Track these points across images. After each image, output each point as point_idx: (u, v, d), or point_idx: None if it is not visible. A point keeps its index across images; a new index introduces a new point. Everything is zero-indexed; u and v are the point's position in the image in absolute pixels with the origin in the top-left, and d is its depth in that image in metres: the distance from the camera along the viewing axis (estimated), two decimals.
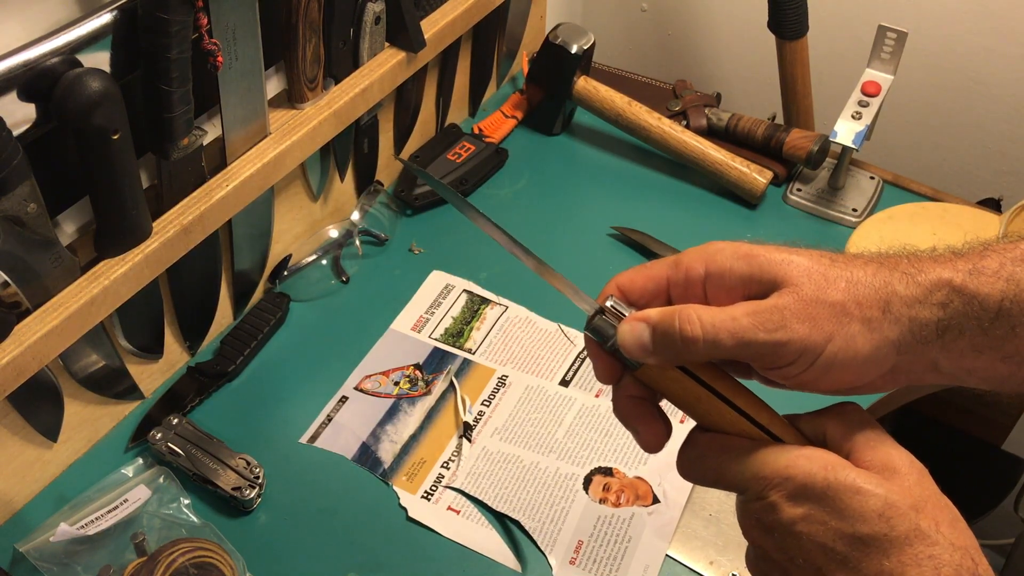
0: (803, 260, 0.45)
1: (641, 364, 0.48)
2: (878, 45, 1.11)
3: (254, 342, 0.96)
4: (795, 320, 0.43)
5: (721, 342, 0.44)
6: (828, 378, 0.45)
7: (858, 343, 0.44)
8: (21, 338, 0.71)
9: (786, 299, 0.44)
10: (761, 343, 0.44)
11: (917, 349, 0.45)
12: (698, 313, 0.45)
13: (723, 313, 0.44)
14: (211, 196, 0.83)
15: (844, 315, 0.44)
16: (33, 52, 0.65)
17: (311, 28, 0.88)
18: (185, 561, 0.75)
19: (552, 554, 0.81)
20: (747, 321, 0.44)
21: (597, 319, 0.49)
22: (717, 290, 0.47)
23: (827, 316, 0.43)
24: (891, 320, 0.44)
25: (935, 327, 0.44)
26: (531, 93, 1.24)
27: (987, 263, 0.44)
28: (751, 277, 0.46)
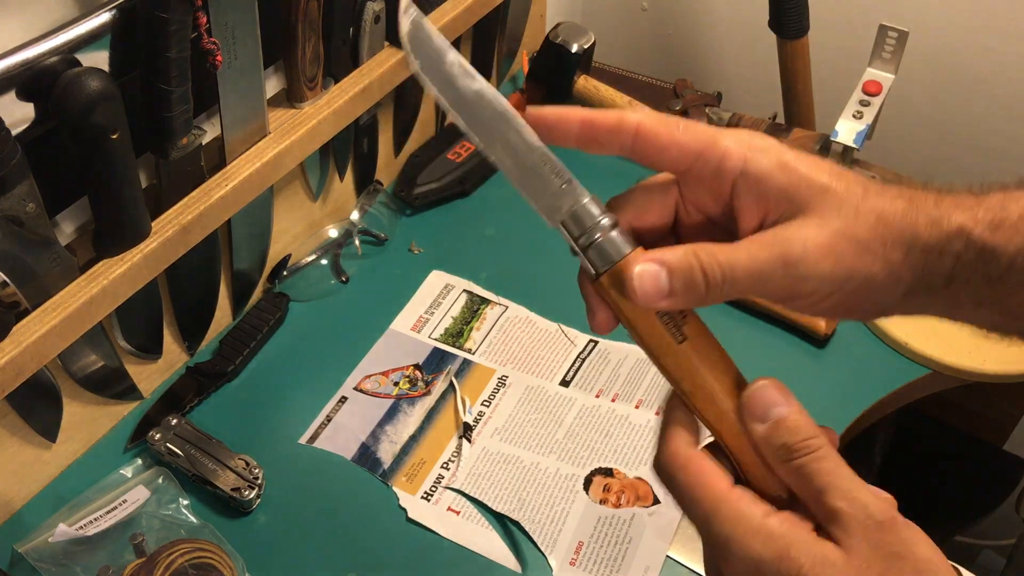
0: (839, 188, 0.42)
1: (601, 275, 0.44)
2: (879, 44, 1.11)
3: (253, 342, 0.96)
4: (817, 252, 0.41)
5: (738, 280, 0.42)
6: (831, 306, 0.44)
7: (875, 283, 0.42)
8: (20, 338, 0.71)
9: (811, 231, 0.42)
10: (780, 277, 0.42)
11: (919, 295, 0.43)
12: (713, 253, 0.42)
13: (736, 249, 0.42)
14: (210, 196, 0.83)
15: (868, 253, 0.42)
16: (32, 51, 0.65)
17: (311, 27, 0.88)
18: (184, 562, 0.75)
19: (552, 555, 0.80)
20: (764, 255, 0.42)
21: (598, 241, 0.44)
22: (746, 192, 0.44)
23: (852, 253, 0.42)
24: (909, 264, 0.42)
25: (944, 277, 0.43)
26: (531, 93, 1.24)
27: (1008, 214, 0.42)
28: (786, 192, 0.43)
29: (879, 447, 1.35)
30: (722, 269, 0.42)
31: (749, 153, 0.43)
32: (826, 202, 0.42)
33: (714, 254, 0.42)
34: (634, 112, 0.45)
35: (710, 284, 0.42)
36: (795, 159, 0.43)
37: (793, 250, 0.41)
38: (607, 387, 0.94)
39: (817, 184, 0.42)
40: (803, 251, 0.41)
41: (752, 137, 0.44)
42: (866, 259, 0.42)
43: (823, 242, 0.41)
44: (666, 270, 0.42)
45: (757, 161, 0.43)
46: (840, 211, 0.42)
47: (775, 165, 0.43)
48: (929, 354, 0.95)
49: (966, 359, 0.95)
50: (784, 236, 0.42)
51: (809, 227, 0.42)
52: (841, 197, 0.42)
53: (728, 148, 0.44)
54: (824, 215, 0.42)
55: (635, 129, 0.44)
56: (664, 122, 0.44)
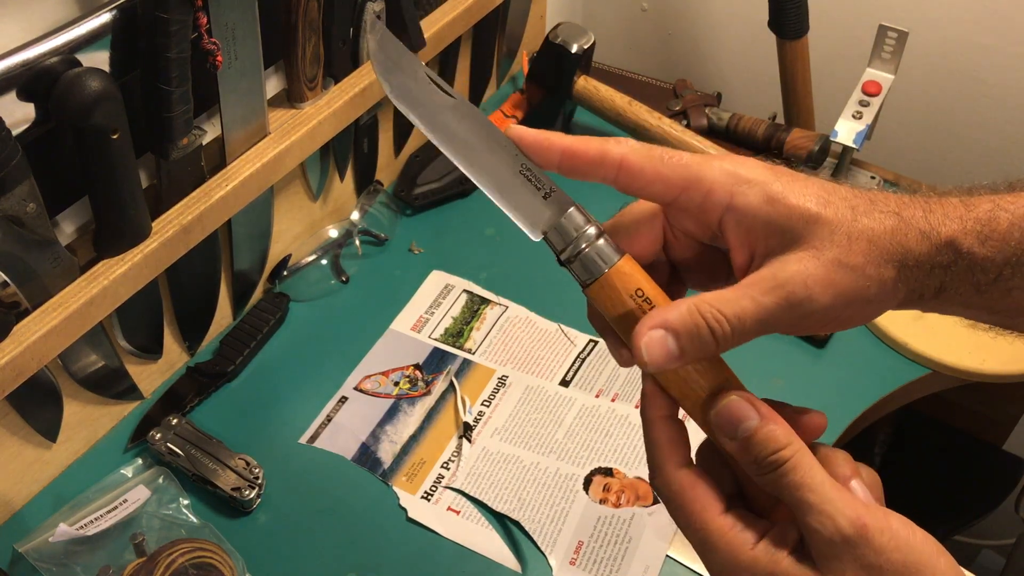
0: (829, 215, 0.42)
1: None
2: (879, 45, 1.11)
3: (253, 342, 0.96)
4: (818, 288, 0.41)
5: (748, 330, 0.42)
6: (829, 327, 0.44)
7: (871, 302, 0.43)
8: (20, 338, 0.71)
9: (809, 264, 0.41)
10: (787, 319, 0.42)
11: (910, 305, 0.44)
12: (718, 308, 0.42)
13: (741, 299, 0.42)
14: (210, 196, 0.83)
15: (863, 277, 0.42)
16: (32, 52, 0.65)
17: (311, 27, 0.88)
18: (185, 562, 0.75)
19: (552, 555, 0.80)
20: (770, 301, 0.41)
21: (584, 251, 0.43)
22: (734, 226, 0.43)
23: (848, 281, 0.42)
24: (902, 280, 0.42)
25: (935, 289, 0.43)
26: (531, 93, 1.24)
27: (997, 225, 0.42)
28: (775, 226, 0.43)
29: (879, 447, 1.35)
30: (730, 322, 0.42)
31: (735, 187, 0.43)
32: (818, 232, 0.42)
33: (720, 309, 0.42)
34: (617, 145, 0.44)
35: (719, 339, 0.42)
36: (782, 190, 0.43)
37: (797, 292, 0.41)
38: (607, 387, 0.94)
39: (807, 215, 0.42)
40: (806, 290, 0.41)
41: (738, 167, 0.44)
42: (862, 283, 0.42)
43: (822, 276, 0.42)
44: (672, 335, 0.42)
45: (744, 195, 0.43)
46: (833, 239, 0.42)
47: (762, 199, 0.43)
48: (929, 354, 0.96)
49: (966, 359, 0.95)
50: (785, 277, 0.42)
51: (805, 261, 0.42)
52: (832, 225, 0.42)
53: (714, 182, 0.43)
54: (818, 246, 0.42)
55: (618, 163, 0.44)
56: (648, 156, 0.44)
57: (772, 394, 0.49)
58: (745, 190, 0.43)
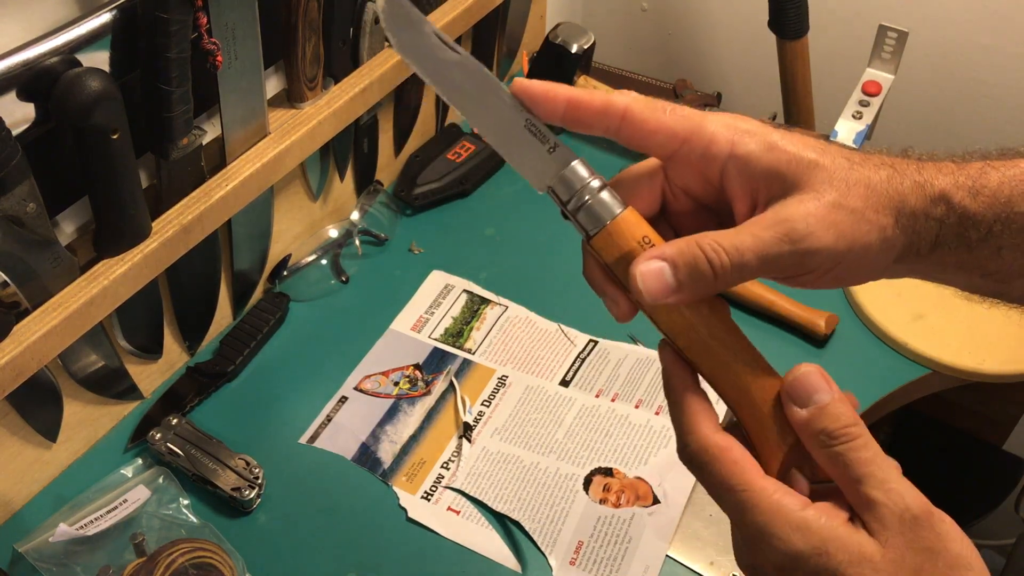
0: (827, 163, 0.43)
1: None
2: (879, 45, 1.11)
3: (253, 342, 0.96)
4: (819, 227, 0.42)
5: (747, 263, 0.42)
6: (833, 280, 0.44)
7: (873, 251, 0.43)
8: (20, 338, 0.71)
9: (810, 205, 0.42)
10: (788, 255, 0.42)
11: (907, 259, 0.44)
12: (716, 240, 0.42)
13: (740, 232, 0.42)
14: (210, 196, 0.83)
15: (863, 222, 0.42)
16: (32, 52, 0.65)
17: (311, 27, 0.88)
18: (184, 561, 0.75)
19: (552, 555, 0.80)
20: (770, 235, 0.42)
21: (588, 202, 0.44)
22: (735, 174, 0.44)
23: (848, 223, 0.42)
24: (900, 229, 0.43)
25: (931, 242, 0.44)
26: None
27: (987, 181, 0.43)
28: (775, 172, 0.43)
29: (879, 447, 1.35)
30: (729, 255, 0.42)
31: (736, 136, 0.44)
32: (816, 176, 0.43)
33: (718, 241, 0.42)
34: (622, 96, 0.45)
35: (718, 272, 0.42)
36: (781, 139, 0.44)
37: (798, 227, 0.42)
38: (607, 387, 0.94)
39: (805, 160, 0.43)
40: (807, 226, 0.42)
41: (738, 120, 0.45)
42: (863, 228, 0.42)
43: (823, 215, 0.42)
44: (669, 265, 0.42)
45: (744, 144, 0.44)
46: (832, 183, 0.43)
47: (762, 147, 0.43)
48: (929, 354, 0.96)
49: (965, 359, 0.95)
50: (785, 214, 0.42)
51: (806, 202, 0.42)
52: (829, 171, 0.43)
53: (715, 132, 0.44)
54: (817, 189, 0.42)
55: (622, 113, 0.44)
56: (652, 106, 0.44)
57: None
58: (745, 139, 0.44)
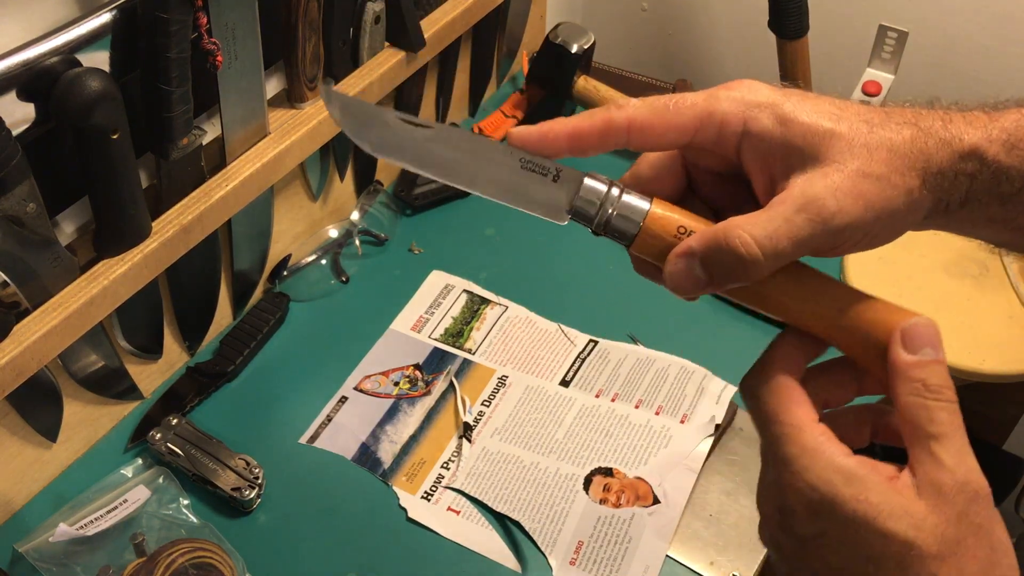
0: (844, 130, 0.41)
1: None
2: (879, 45, 1.11)
3: (253, 342, 0.96)
4: (848, 200, 0.40)
5: (783, 251, 0.40)
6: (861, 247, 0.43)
7: (900, 215, 0.42)
8: (20, 338, 0.71)
9: (834, 178, 0.41)
10: (821, 235, 0.41)
11: (937, 217, 0.43)
12: (746, 229, 0.40)
13: (773, 219, 0.41)
14: (210, 196, 0.83)
15: (890, 187, 0.41)
16: (32, 52, 0.65)
17: (311, 27, 0.88)
18: (184, 562, 0.75)
19: (552, 555, 0.80)
20: (802, 218, 0.40)
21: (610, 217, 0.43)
22: (751, 151, 0.43)
23: (875, 191, 0.41)
24: (928, 189, 0.42)
25: (960, 199, 0.42)
26: (531, 93, 1.24)
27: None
28: (791, 145, 0.42)
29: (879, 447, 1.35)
30: (761, 245, 0.40)
31: (747, 113, 0.43)
32: (835, 146, 0.41)
33: (751, 232, 0.41)
34: (620, 109, 0.44)
35: (749, 263, 0.41)
36: (794, 109, 0.42)
37: (828, 205, 0.41)
38: (607, 387, 0.94)
39: (822, 130, 0.42)
40: (836, 203, 0.41)
41: (746, 93, 0.43)
42: (888, 193, 0.41)
43: (850, 187, 0.41)
44: (698, 261, 0.42)
45: (757, 120, 0.43)
46: (852, 151, 0.41)
47: (775, 121, 0.42)
48: None
49: (966, 359, 0.95)
50: (812, 193, 0.41)
51: (831, 175, 0.41)
52: (848, 138, 0.41)
53: (725, 114, 0.43)
54: (838, 159, 0.41)
55: (627, 126, 0.44)
56: (654, 109, 0.43)
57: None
58: (757, 114, 0.42)
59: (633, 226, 0.43)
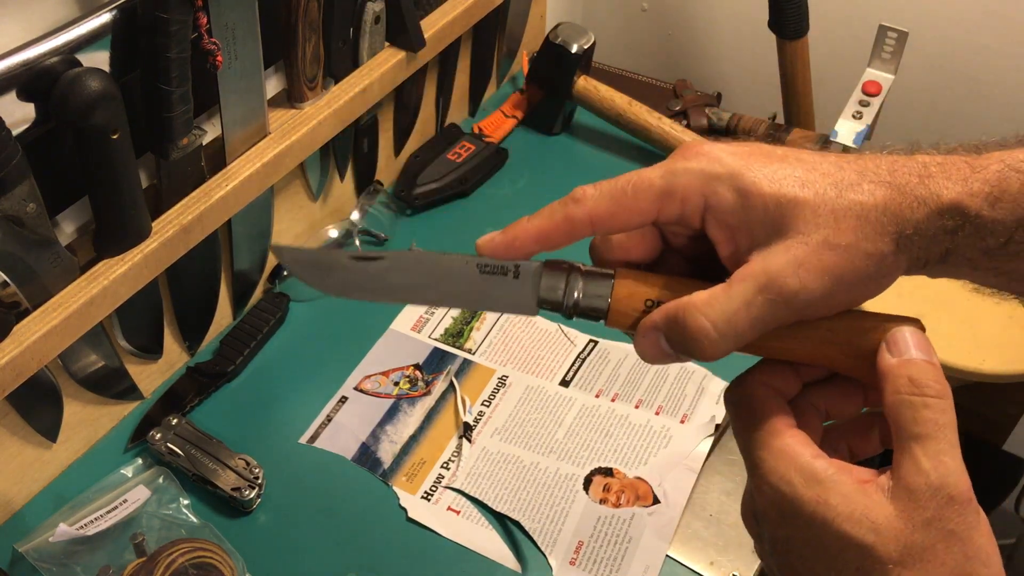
0: (810, 197, 0.40)
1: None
2: (879, 45, 1.11)
3: (253, 342, 0.96)
4: (811, 277, 0.39)
5: (741, 334, 0.40)
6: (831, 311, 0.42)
7: (872, 280, 0.41)
8: (20, 338, 0.71)
9: (797, 252, 0.40)
10: (784, 313, 0.40)
11: (915, 271, 0.42)
12: (703, 311, 0.40)
13: (732, 299, 0.40)
14: (210, 196, 0.83)
15: (858, 256, 0.40)
16: (32, 52, 0.65)
17: (311, 27, 0.88)
18: (185, 561, 0.75)
19: (552, 555, 0.80)
20: (762, 300, 0.40)
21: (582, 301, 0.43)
22: (715, 226, 0.42)
23: (841, 262, 0.40)
24: (903, 251, 0.40)
25: (940, 254, 0.41)
26: (531, 93, 1.24)
27: (1008, 186, 0.40)
28: (753, 220, 0.41)
29: None
30: (718, 329, 0.40)
31: (706, 187, 0.42)
32: (800, 215, 0.40)
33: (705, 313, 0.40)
34: (578, 203, 0.43)
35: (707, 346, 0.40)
36: (755, 179, 0.41)
37: (789, 285, 0.40)
38: (607, 387, 0.94)
39: (785, 200, 0.40)
40: (799, 282, 0.40)
41: (707, 163, 0.42)
42: (856, 264, 0.40)
43: (813, 263, 0.40)
44: (662, 336, 0.42)
45: (716, 195, 0.42)
46: (817, 221, 0.40)
47: (735, 194, 0.41)
48: None
49: (966, 359, 0.95)
50: (773, 271, 0.40)
51: (793, 249, 0.40)
52: (814, 206, 0.40)
53: (685, 190, 0.42)
54: (803, 230, 0.40)
55: (588, 220, 0.43)
56: (613, 197, 0.43)
57: None
58: (716, 188, 0.41)
59: (601, 305, 0.43)
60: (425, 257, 0.45)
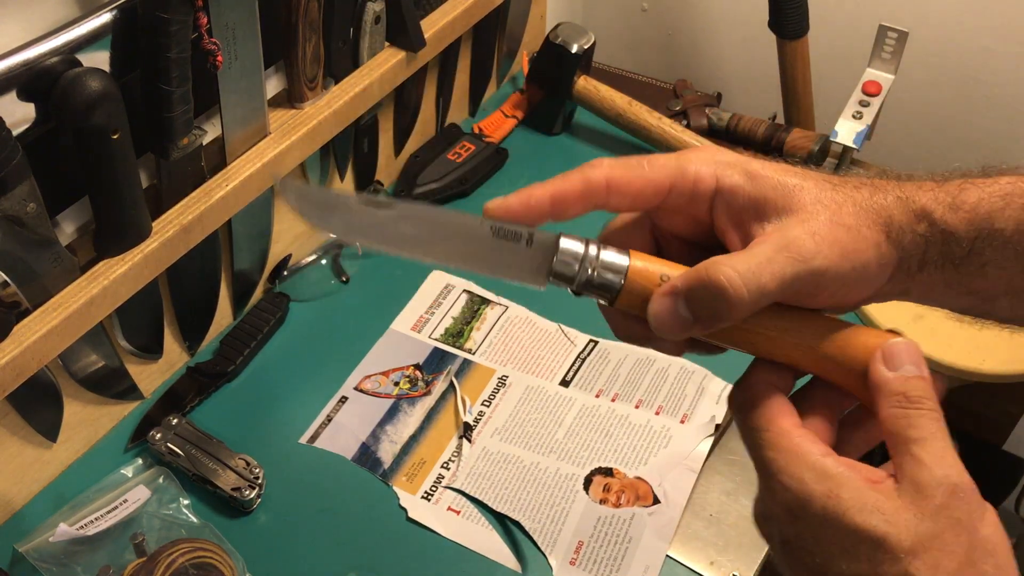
0: (810, 185, 0.43)
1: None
2: (879, 45, 1.11)
3: (254, 342, 0.96)
4: (825, 245, 0.41)
5: (766, 288, 0.41)
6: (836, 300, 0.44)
7: (871, 268, 0.43)
8: (20, 338, 0.71)
9: (810, 223, 0.42)
10: (804, 276, 0.41)
11: (899, 278, 0.44)
12: (729, 265, 0.41)
13: (755, 256, 0.41)
14: (211, 196, 0.83)
15: (859, 238, 0.42)
16: (33, 52, 0.65)
17: (311, 27, 0.88)
18: (185, 561, 0.75)
19: (552, 555, 0.80)
20: (783, 257, 0.41)
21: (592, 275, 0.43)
22: (724, 208, 0.44)
23: (848, 240, 0.42)
24: (892, 245, 0.43)
25: (918, 260, 0.43)
26: (531, 93, 1.24)
27: (966, 197, 0.43)
28: (762, 199, 0.43)
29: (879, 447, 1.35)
30: (746, 281, 0.40)
31: (719, 171, 0.44)
32: (804, 197, 0.43)
33: (732, 266, 0.41)
34: (596, 168, 0.44)
35: (733, 299, 0.40)
36: (761, 167, 0.44)
37: (806, 245, 0.41)
38: (607, 387, 0.94)
39: (790, 185, 0.43)
40: (815, 244, 0.41)
41: (716, 154, 0.45)
42: (860, 244, 0.42)
43: (825, 232, 0.42)
44: (683, 299, 0.41)
45: (728, 177, 0.44)
46: (821, 203, 0.43)
47: (745, 177, 0.44)
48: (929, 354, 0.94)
49: (966, 359, 0.95)
50: (791, 235, 0.42)
51: (807, 221, 0.42)
52: (815, 192, 0.43)
53: (698, 171, 0.44)
54: (810, 210, 0.42)
55: (605, 184, 0.44)
56: (629, 166, 0.44)
57: None
58: (728, 171, 0.44)
59: (617, 281, 0.42)
60: (438, 212, 0.45)
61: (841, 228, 0.42)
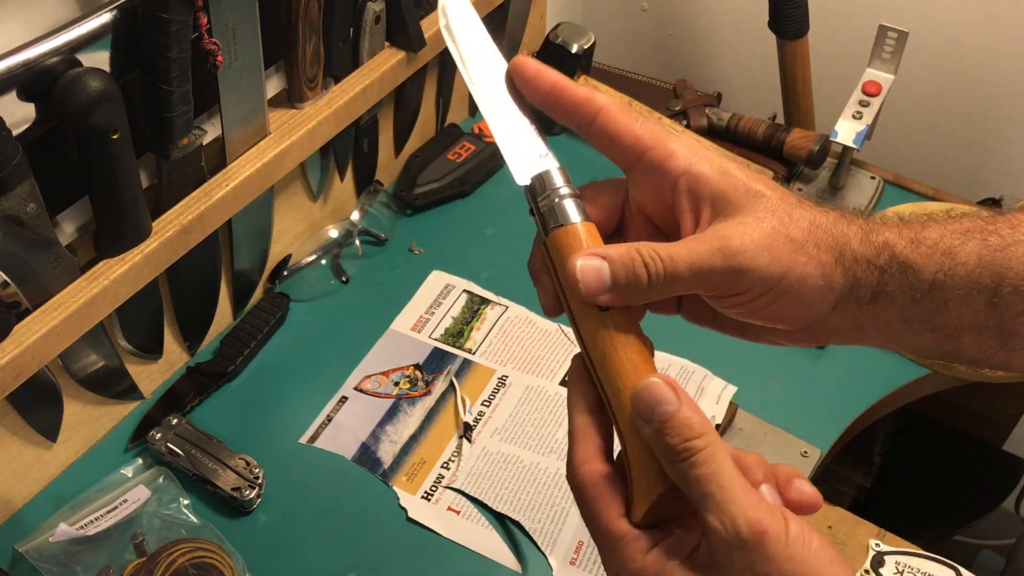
0: (774, 196, 0.45)
1: None
2: (879, 45, 1.11)
3: (254, 342, 0.96)
4: (754, 248, 0.43)
5: (680, 275, 0.43)
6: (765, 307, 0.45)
7: (808, 284, 0.44)
8: (20, 338, 0.71)
9: (747, 227, 0.44)
10: (720, 270, 0.43)
11: (848, 308, 0.45)
12: (654, 248, 0.44)
13: (684, 245, 0.44)
14: (211, 196, 0.83)
15: (802, 252, 0.44)
16: (33, 52, 0.65)
17: (311, 27, 0.88)
18: (185, 561, 0.75)
19: (552, 555, 0.80)
20: (705, 247, 0.43)
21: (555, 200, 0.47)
22: (686, 191, 0.46)
23: (786, 250, 0.43)
24: (841, 270, 0.44)
25: (870, 291, 0.45)
26: None
27: (928, 234, 0.45)
28: (723, 195, 0.45)
29: (879, 447, 1.35)
30: (664, 263, 0.43)
31: (693, 157, 0.46)
32: (760, 204, 0.44)
33: (656, 249, 0.44)
34: (602, 94, 0.47)
35: (651, 279, 0.43)
36: (735, 168, 0.45)
37: (732, 243, 0.43)
38: None
39: (753, 190, 0.45)
40: (741, 244, 0.43)
41: (699, 145, 0.47)
42: (800, 258, 0.44)
43: (760, 238, 0.43)
44: (608, 264, 0.44)
45: (699, 165, 0.45)
46: (775, 213, 0.44)
47: (715, 170, 0.45)
48: None
49: None
50: (723, 232, 0.44)
51: (746, 224, 0.44)
52: (774, 202, 0.45)
53: (676, 149, 0.46)
54: (759, 215, 0.44)
55: (599, 109, 0.47)
56: (626, 112, 0.47)
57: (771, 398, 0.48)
58: (701, 160, 0.46)
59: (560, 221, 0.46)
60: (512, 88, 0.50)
61: (782, 237, 0.44)
